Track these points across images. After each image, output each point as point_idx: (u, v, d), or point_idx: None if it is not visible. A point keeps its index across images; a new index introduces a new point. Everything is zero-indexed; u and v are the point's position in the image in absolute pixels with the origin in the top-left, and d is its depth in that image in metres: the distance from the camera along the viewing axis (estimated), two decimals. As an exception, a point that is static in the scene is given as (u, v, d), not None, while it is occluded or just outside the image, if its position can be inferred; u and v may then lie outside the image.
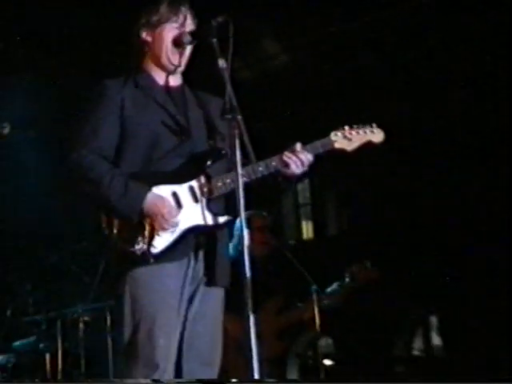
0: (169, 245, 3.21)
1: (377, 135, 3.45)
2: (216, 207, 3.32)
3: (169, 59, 3.41)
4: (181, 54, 3.41)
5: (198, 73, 3.45)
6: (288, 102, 6.67)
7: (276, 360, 5.13)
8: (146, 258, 3.18)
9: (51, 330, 5.36)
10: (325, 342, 5.72)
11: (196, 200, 3.28)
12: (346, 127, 3.43)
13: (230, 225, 3.39)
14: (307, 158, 3.33)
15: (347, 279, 5.27)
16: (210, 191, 3.28)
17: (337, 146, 3.41)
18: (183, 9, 3.41)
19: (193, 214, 3.27)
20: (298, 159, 3.31)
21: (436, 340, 6.89)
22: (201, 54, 3.40)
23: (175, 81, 3.48)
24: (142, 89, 3.39)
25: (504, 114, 5.96)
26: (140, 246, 3.19)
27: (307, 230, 7.92)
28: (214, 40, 3.22)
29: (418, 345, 6.94)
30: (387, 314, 6.68)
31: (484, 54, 5.98)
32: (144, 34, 3.44)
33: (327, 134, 3.42)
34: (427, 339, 6.90)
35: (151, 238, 3.20)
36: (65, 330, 5.36)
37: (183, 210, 3.25)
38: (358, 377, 6.03)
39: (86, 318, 5.31)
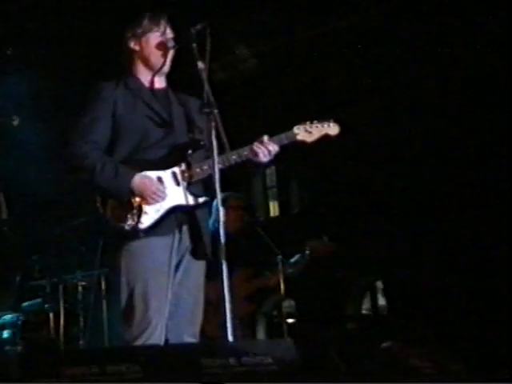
0: (154, 222, 3.22)
1: (333, 129, 3.46)
2: (195, 190, 3.32)
3: (156, 61, 3.40)
4: (165, 57, 3.40)
5: (180, 73, 3.43)
6: (257, 99, 6.66)
7: (246, 319, 5.15)
8: (136, 232, 3.19)
9: (54, 293, 5.34)
10: (288, 304, 5.72)
11: (178, 184, 3.28)
12: (307, 122, 3.44)
13: (208, 204, 3.38)
14: (274, 148, 3.34)
15: (307, 252, 5.27)
16: (190, 176, 3.29)
17: (299, 138, 3.42)
18: (162, 21, 3.42)
19: (175, 196, 3.28)
20: (266, 149, 3.32)
21: (381, 301, 6.94)
22: (182, 57, 3.39)
23: (160, 83, 3.47)
24: (131, 90, 3.39)
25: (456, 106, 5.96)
26: (129, 223, 3.19)
27: (274, 208, 7.92)
28: (194, 45, 3.22)
29: (366, 305, 6.99)
30: (341, 280, 6.71)
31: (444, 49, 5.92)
32: (132, 44, 3.43)
33: (291, 128, 3.42)
34: (374, 301, 6.95)
35: (139, 215, 3.20)
36: (66, 293, 5.34)
37: (167, 192, 3.26)
38: (316, 333, 6.07)
39: (83, 283, 5.30)
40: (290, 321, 5.60)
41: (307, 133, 3.42)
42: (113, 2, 5.53)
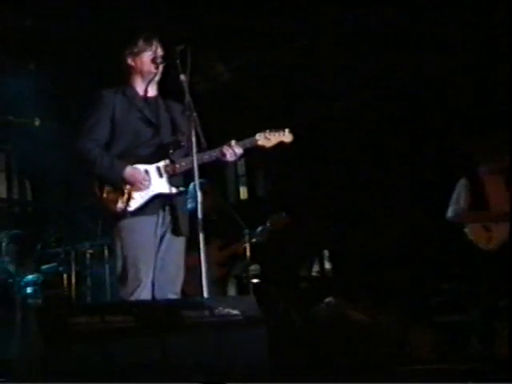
0: (140, 206, 3.24)
1: (287, 137, 3.46)
2: (175, 181, 3.34)
3: (148, 74, 3.39)
4: (157, 71, 3.39)
5: (167, 84, 3.43)
6: (227, 108, 6.62)
7: (220, 280, 5.16)
8: (124, 214, 3.21)
9: (67, 258, 5.31)
10: (254, 267, 5.74)
11: (161, 176, 3.30)
12: (267, 130, 3.42)
13: (185, 193, 3.40)
14: (239, 150, 3.34)
15: (268, 224, 5.23)
16: (172, 170, 3.30)
17: (259, 143, 3.41)
18: (154, 41, 3.40)
19: (158, 185, 3.29)
20: (233, 151, 3.33)
21: (327, 265, 7.02)
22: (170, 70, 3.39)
23: (152, 92, 3.45)
24: (127, 97, 3.37)
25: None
26: (119, 206, 3.21)
27: (243, 192, 7.94)
28: (178, 61, 3.22)
29: (315, 268, 7.05)
30: (296, 248, 6.76)
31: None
32: (129, 61, 3.41)
33: (253, 135, 3.42)
34: (321, 265, 7.02)
35: (128, 200, 3.22)
36: (77, 258, 5.31)
37: (152, 182, 3.27)
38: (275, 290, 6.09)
39: (91, 251, 5.27)
40: (256, 281, 5.62)
41: (266, 139, 3.40)
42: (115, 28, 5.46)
